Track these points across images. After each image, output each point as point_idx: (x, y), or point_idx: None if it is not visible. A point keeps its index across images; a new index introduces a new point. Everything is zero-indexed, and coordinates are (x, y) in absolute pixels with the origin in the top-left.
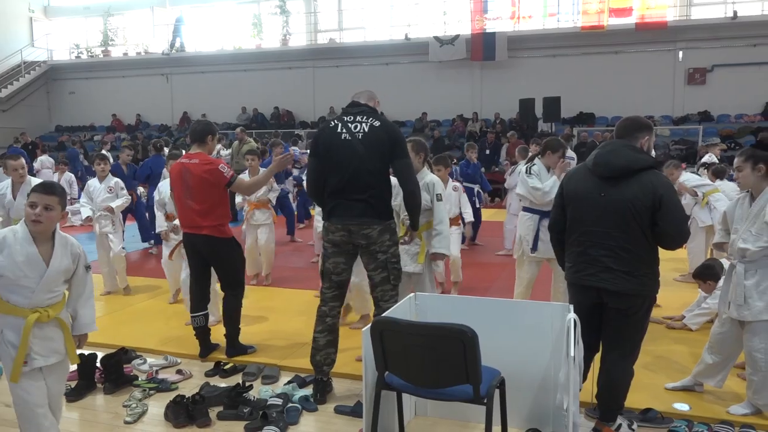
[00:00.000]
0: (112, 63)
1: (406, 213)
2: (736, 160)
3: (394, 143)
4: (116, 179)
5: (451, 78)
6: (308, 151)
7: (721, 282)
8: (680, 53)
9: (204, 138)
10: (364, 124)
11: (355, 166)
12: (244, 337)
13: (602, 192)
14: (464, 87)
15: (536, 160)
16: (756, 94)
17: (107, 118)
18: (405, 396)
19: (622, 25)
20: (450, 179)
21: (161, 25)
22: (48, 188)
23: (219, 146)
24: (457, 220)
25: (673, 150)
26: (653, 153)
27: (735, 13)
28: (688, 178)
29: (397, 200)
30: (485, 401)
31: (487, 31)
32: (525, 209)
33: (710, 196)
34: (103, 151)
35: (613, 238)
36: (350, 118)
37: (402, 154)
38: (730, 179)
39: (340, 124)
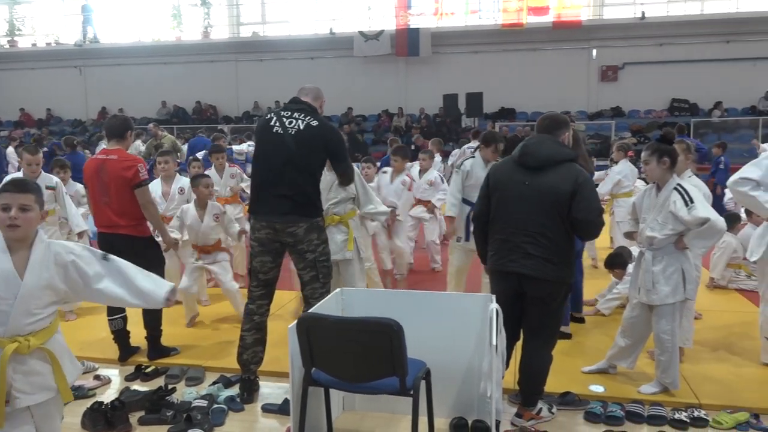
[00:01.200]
0: (20, 54)
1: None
2: (642, 154)
3: (330, 145)
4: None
5: (377, 73)
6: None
7: (630, 268)
8: (594, 51)
9: (123, 133)
10: (300, 122)
11: (283, 161)
12: (167, 338)
13: (526, 181)
14: (389, 82)
15: (476, 154)
16: (663, 91)
17: (15, 113)
18: (333, 391)
19: (539, 23)
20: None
21: (73, 15)
22: (20, 185)
23: (138, 142)
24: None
25: (588, 144)
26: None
27: (643, 13)
28: (621, 170)
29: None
30: (412, 393)
31: (411, 26)
32: (463, 200)
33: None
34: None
35: (534, 226)
36: (287, 114)
37: (343, 158)
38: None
39: (275, 118)
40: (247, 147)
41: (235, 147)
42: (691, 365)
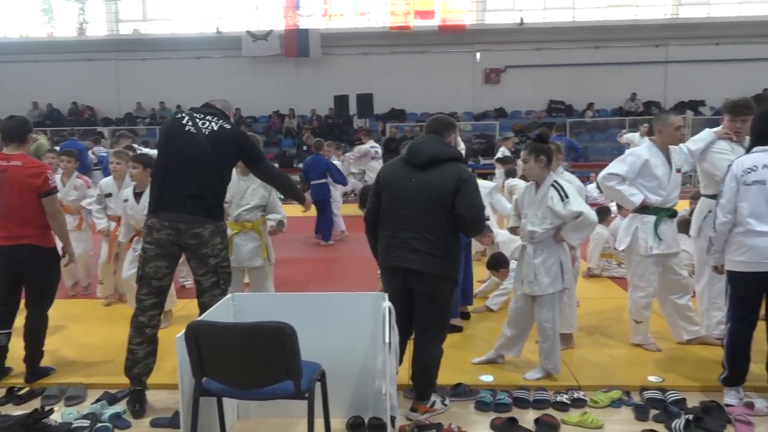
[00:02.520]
0: None
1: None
2: (522, 153)
3: (244, 147)
4: None
5: (266, 74)
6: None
7: (514, 264)
8: (478, 55)
9: (23, 136)
10: (213, 123)
11: (195, 160)
12: (44, 355)
13: (413, 178)
14: (279, 83)
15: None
16: (541, 93)
17: None
18: (226, 400)
19: (426, 26)
20: None
21: None
22: None
23: None
24: None
25: (474, 143)
26: (463, 146)
27: (521, 19)
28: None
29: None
30: (307, 395)
31: (301, 27)
32: None
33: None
34: None
35: (420, 221)
36: (200, 115)
37: (260, 159)
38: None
39: (188, 118)
40: None
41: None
42: (571, 349)
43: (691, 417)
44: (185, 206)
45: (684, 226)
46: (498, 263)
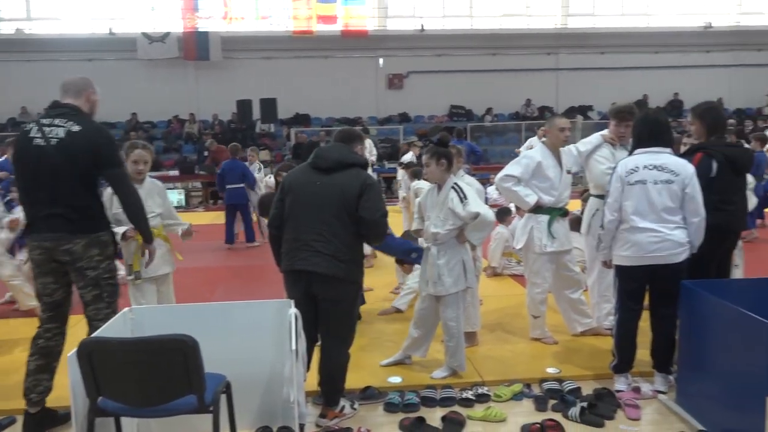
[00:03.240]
0: None
1: None
2: (423, 157)
3: (97, 151)
4: None
5: (164, 77)
6: None
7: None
8: (381, 60)
9: None
10: (60, 129)
11: (48, 176)
12: None
13: (318, 181)
14: (179, 87)
15: None
16: (443, 98)
17: None
18: (126, 419)
19: (329, 31)
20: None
21: None
22: None
23: None
24: None
25: (380, 148)
26: (375, 152)
27: (422, 26)
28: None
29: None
30: (211, 409)
31: (200, 29)
32: None
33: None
34: None
35: (325, 224)
36: (48, 121)
37: (110, 163)
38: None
39: (35, 128)
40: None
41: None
42: (475, 347)
43: (585, 404)
44: (48, 225)
45: (575, 225)
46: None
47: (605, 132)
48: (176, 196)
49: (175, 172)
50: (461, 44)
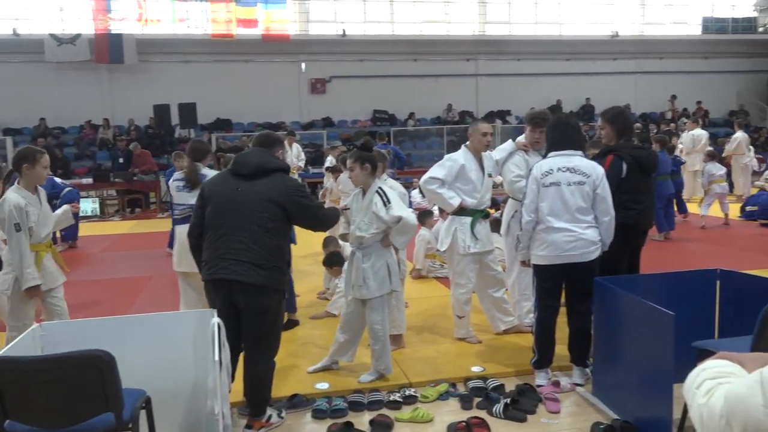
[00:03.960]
0: None
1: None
2: (348, 162)
3: None
4: None
5: (75, 81)
6: None
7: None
8: (303, 65)
9: None
10: None
11: None
12: None
13: (239, 188)
14: (91, 91)
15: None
16: (366, 103)
17: None
18: None
19: (250, 35)
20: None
21: None
22: None
23: None
24: None
25: (303, 152)
26: (303, 156)
27: (344, 31)
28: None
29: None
30: (130, 426)
31: (113, 32)
32: None
33: None
34: None
35: (245, 232)
36: None
37: None
38: None
39: None
40: None
41: None
42: (402, 349)
43: (508, 401)
44: None
45: (496, 226)
46: (333, 261)
47: (520, 138)
48: (90, 205)
49: (88, 180)
50: (383, 50)
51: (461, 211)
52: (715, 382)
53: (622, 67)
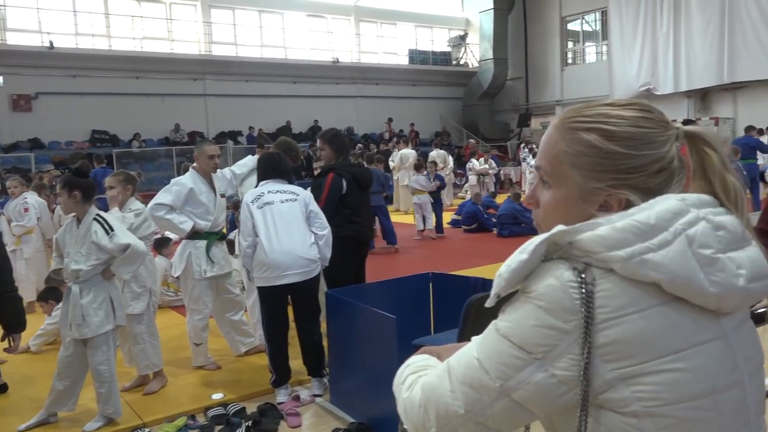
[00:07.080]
0: None
1: None
2: (57, 187)
3: None
4: None
5: None
6: None
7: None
8: (1, 78)
9: None
10: None
11: None
12: None
13: None
14: None
15: None
16: (82, 123)
17: None
18: None
19: None
20: None
21: None
22: None
23: None
24: None
25: (6, 177)
26: None
27: (51, 43)
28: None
29: None
30: None
31: None
32: None
33: None
34: None
35: None
36: None
37: None
38: None
39: None
40: None
41: None
42: (137, 388)
43: (249, 423)
44: None
45: (231, 247)
46: (49, 296)
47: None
48: None
49: None
50: (99, 65)
51: (195, 234)
52: (416, 376)
53: (344, 91)
